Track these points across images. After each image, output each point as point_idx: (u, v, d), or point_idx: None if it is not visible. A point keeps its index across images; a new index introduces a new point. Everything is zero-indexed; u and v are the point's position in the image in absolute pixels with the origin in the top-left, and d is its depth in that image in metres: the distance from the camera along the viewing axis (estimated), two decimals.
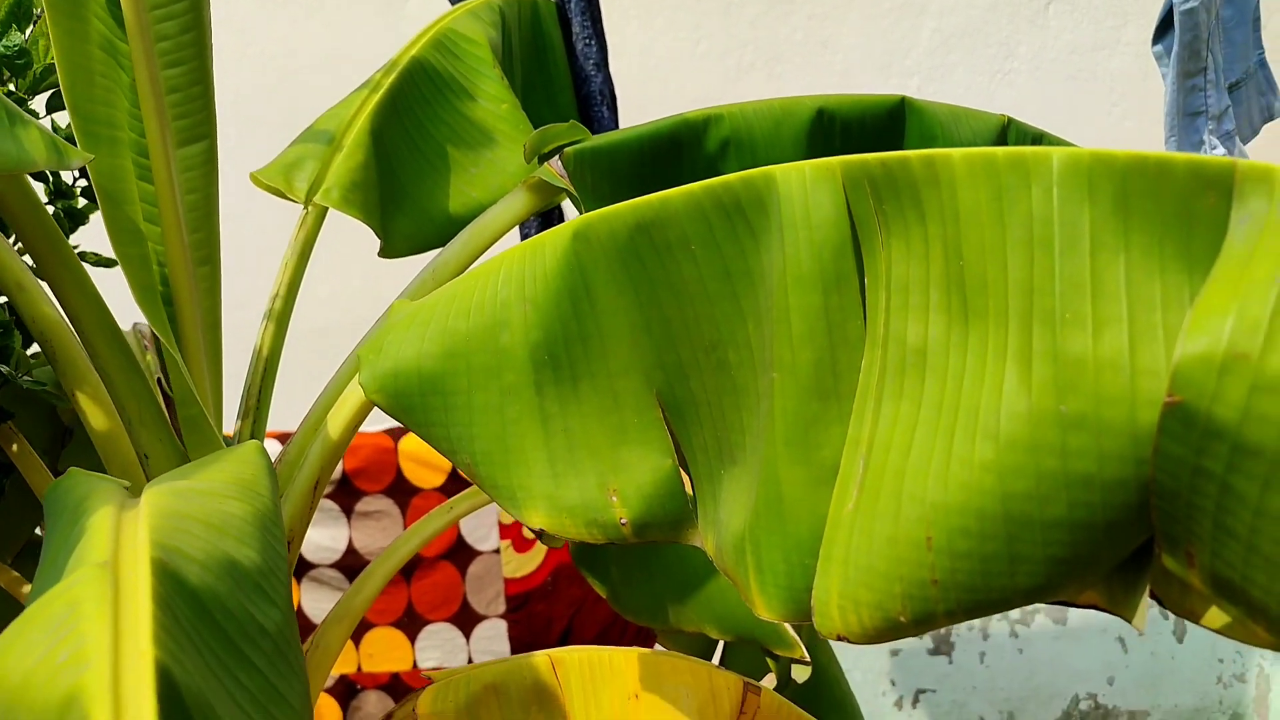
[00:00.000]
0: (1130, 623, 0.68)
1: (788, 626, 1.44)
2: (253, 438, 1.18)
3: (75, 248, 1.35)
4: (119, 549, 0.65)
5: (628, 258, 0.83)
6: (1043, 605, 2.93)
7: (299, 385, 1.42)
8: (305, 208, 1.28)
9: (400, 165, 1.40)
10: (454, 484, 2.59)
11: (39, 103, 1.20)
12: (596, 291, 0.85)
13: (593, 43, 1.96)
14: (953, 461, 0.66)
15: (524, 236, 1.81)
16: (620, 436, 0.85)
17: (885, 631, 0.68)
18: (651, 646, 2.89)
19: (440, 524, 1.31)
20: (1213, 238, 0.60)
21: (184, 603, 0.64)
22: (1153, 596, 0.69)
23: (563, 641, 2.75)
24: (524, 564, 2.72)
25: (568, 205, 1.51)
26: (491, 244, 1.22)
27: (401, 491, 2.56)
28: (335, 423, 1.04)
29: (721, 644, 1.70)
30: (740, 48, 3.34)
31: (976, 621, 3.03)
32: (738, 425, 0.81)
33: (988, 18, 3.26)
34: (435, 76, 1.46)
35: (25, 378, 1.12)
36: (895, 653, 3.02)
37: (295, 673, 0.71)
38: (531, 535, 2.73)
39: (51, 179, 1.46)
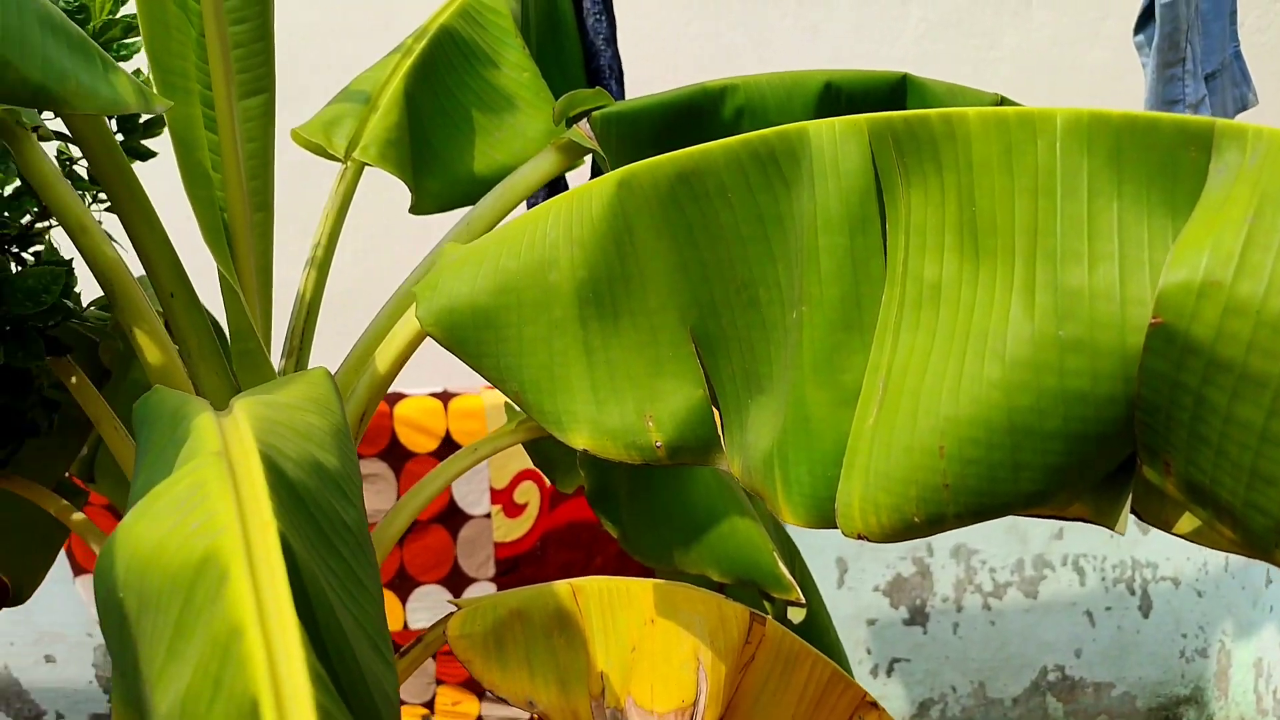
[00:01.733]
0: (1114, 530, 0.77)
1: (784, 570, 1.54)
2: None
3: (104, 204, 1.43)
4: (228, 444, 0.73)
5: (668, 204, 0.92)
6: (1014, 580, 3.04)
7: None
8: (344, 163, 1.35)
9: (430, 127, 1.48)
10: (446, 449, 2.67)
11: None
12: (638, 235, 0.94)
13: (602, 18, 2.04)
14: (964, 380, 0.75)
15: (530, 206, 1.89)
16: (656, 368, 0.94)
17: (901, 531, 0.77)
18: None
19: (435, 488, 1.38)
20: (1194, 185, 0.70)
21: (285, 492, 0.72)
22: (1133, 511, 0.79)
23: None
24: (514, 529, 2.80)
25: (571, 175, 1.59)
26: (523, 199, 1.31)
27: (396, 456, 2.63)
28: (384, 357, 1.12)
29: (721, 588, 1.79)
30: (730, 29, 3.41)
31: (950, 593, 3.14)
32: (765, 357, 0.90)
33: (972, 8, 3.35)
34: (462, 44, 1.54)
35: (92, 308, 1.20)
36: (872, 622, 3.12)
37: (371, 565, 0.80)
38: (524, 501, 2.82)
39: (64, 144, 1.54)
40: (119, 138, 1.28)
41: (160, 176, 1.31)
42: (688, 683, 1.19)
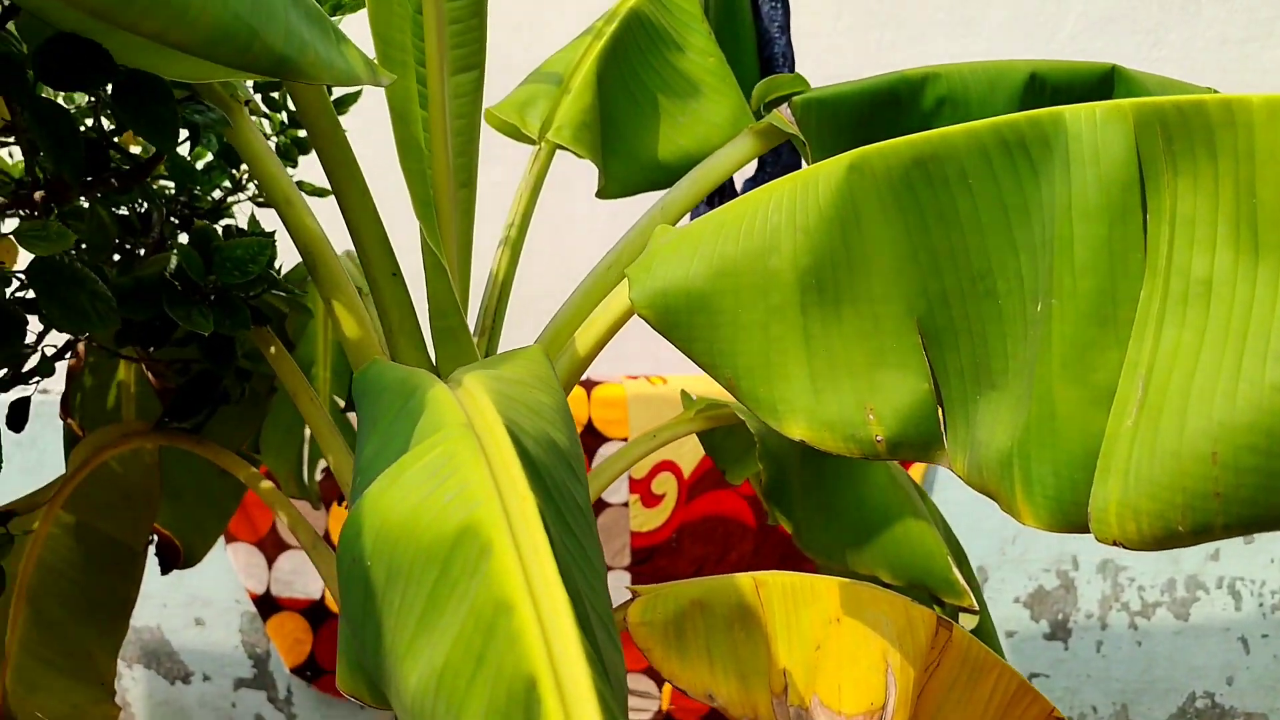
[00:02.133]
0: None
1: (958, 575, 1.49)
2: (487, 355, 1.26)
3: (292, 178, 1.45)
4: (471, 416, 0.73)
5: (901, 190, 0.89)
6: (1164, 600, 2.91)
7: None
8: (538, 144, 1.35)
9: (617, 110, 1.47)
10: (589, 437, 2.67)
11: None
12: (866, 221, 0.90)
13: (778, 6, 2.00)
14: (1241, 383, 0.70)
15: (694, 216, 1.86)
16: (879, 359, 0.91)
17: (1163, 539, 0.73)
18: None
19: (644, 449, 1.38)
20: None
21: (527, 466, 0.71)
22: None
23: None
24: (650, 519, 2.79)
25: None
26: (719, 184, 1.29)
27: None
28: (585, 339, 1.11)
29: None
30: (882, 25, 3.35)
31: (1095, 610, 3.03)
32: (1000, 351, 0.86)
33: (1136, 3, 3.22)
34: (650, 28, 1.53)
35: (287, 283, 1.22)
36: (1010, 634, 3.03)
37: (598, 544, 0.78)
38: (661, 491, 2.81)
39: (282, 115, 1.57)
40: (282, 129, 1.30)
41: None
42: (876, 685, 1.15)
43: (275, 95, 1.53)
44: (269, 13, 0.83)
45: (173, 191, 1.59)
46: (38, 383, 1.39)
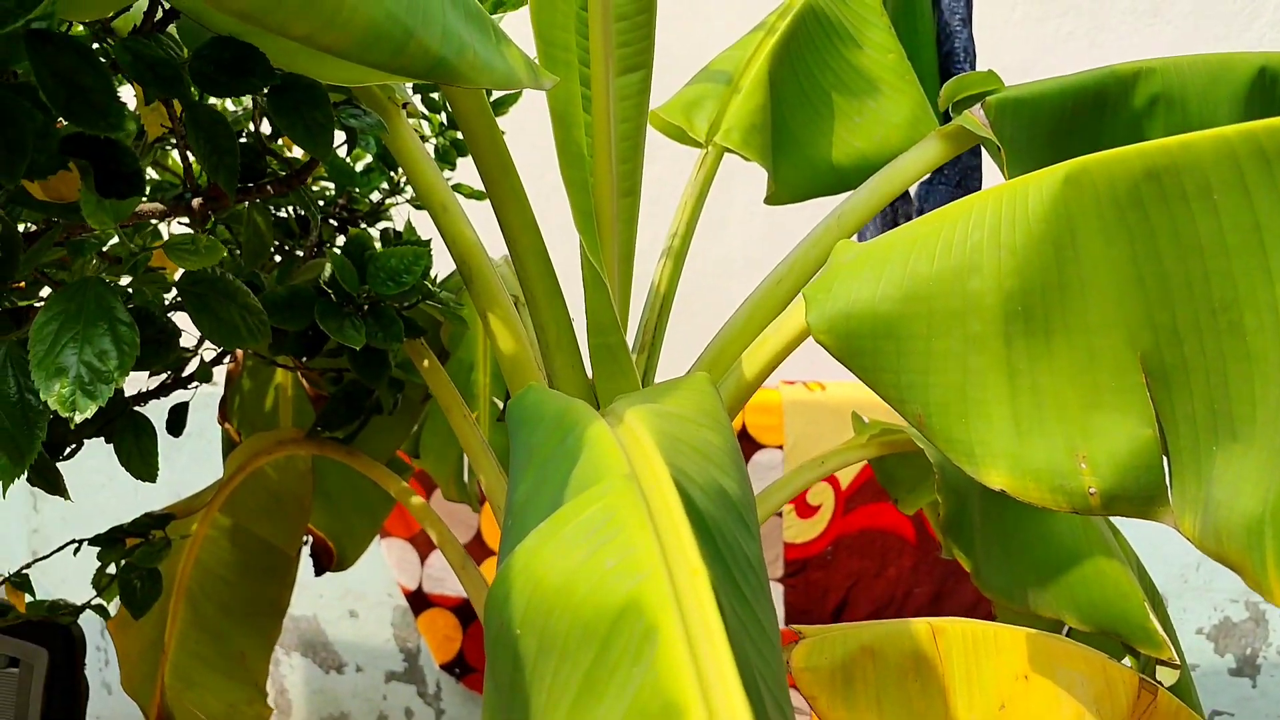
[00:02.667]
0: None
1: (1156, 624, 1.35)
2: (646, 373, 1.18)
3: (448, 180, 1.40)
4: (634, 464, 0.65)
5: (1126, 206, 0.77)
6: None
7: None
8: (705, 148, 1.27)
9: (789, 110, 1.37)
10: (743, 442, 2.58)
11: None
12: (1084, 240, 0.79)
13: (960, 0, 1.88)
14: None
15: (862, 239, 1.75)
16: (1094, 398, 0.79)
17: None
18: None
19: (811, 476, 1.28)
20: None
21: (695, 525, 0.63)
22: None
23: (838, 614, 2.70)
24: (805, 530, 2.69)
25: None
26: (901, 192, 1.18)
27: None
28: (754, 361, 1.02)
29: (1067, 631, 1.62)
30: (1060, 15, 3.16)
31: None
32: (1246, 396, 0.74)
33: None
34: (825, 22, 1.43)
35: (444, 292, 1.16)
36: (1192, 668, 2.82)
37: (771, 607, 0.69)
38: (817, 503, 2.70)
39: (441, 116, 1.53)
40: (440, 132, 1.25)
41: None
42: None
43: (435, 96, 1.49)
44: (425, 11, 0.76)
45: (331, 193, 1.57)
46: (196, 387, 1.38)
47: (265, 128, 1.21)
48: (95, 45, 0.92)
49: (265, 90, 1.00)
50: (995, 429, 0.81)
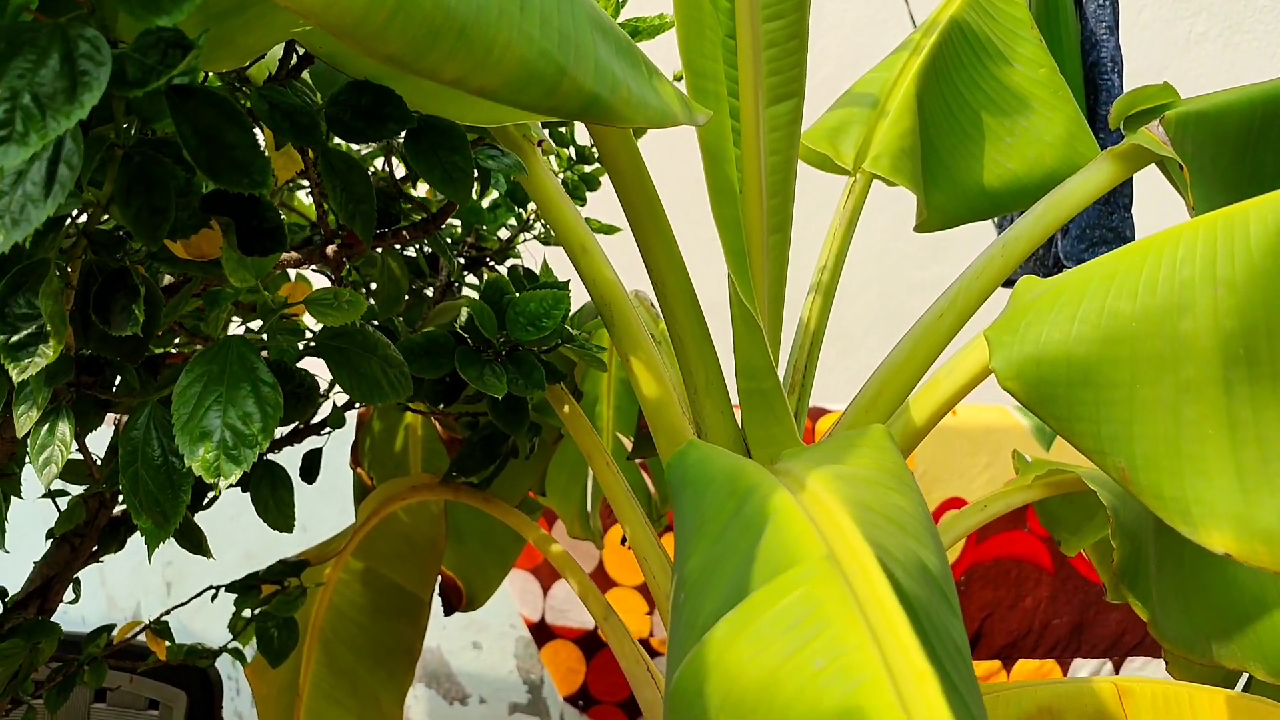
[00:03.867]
0: None
1: None
2: (797, 416, 1.12)
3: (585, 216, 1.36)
4: (831, 543, 0.58)
5: None
6: None
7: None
8: (853, 175, 1.20)
9: (937, 133, 1.30)
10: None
11: None
12: None
13: (1107, 5, 1.78)
14: None
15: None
16: None
17: None
18: (1069, 663, 2.67)
19: (971, 522, 1.20)
20: None
21: (906, 610, 0.56)
22: None
23: (973, 647, 2.59)
24: None
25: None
26: (1070, 217, 1.09)
27: None
28: (923, 407, 0.95)
29: (1246, 678, 1.50)
30: (1192, 15, 3.01)
31: None
32: None
33: None
34: (972, 39, 1.35)
35: (584, 335, 1.12)
36: None
37: (979, 698, 0.62)
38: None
39: (569, 149, 1.49)
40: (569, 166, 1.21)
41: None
42: None
43: (563, 130, 1.45)
44: (577, 46, 0.72)
45: (459, 231, 1.54)
46: (329, 433, 1.36)
47: (398, 169, 1.18)
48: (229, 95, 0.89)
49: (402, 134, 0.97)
50: (1215, 486, 0.73)
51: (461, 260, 1.57)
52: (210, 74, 0.92)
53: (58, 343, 0.73)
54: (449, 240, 1.51)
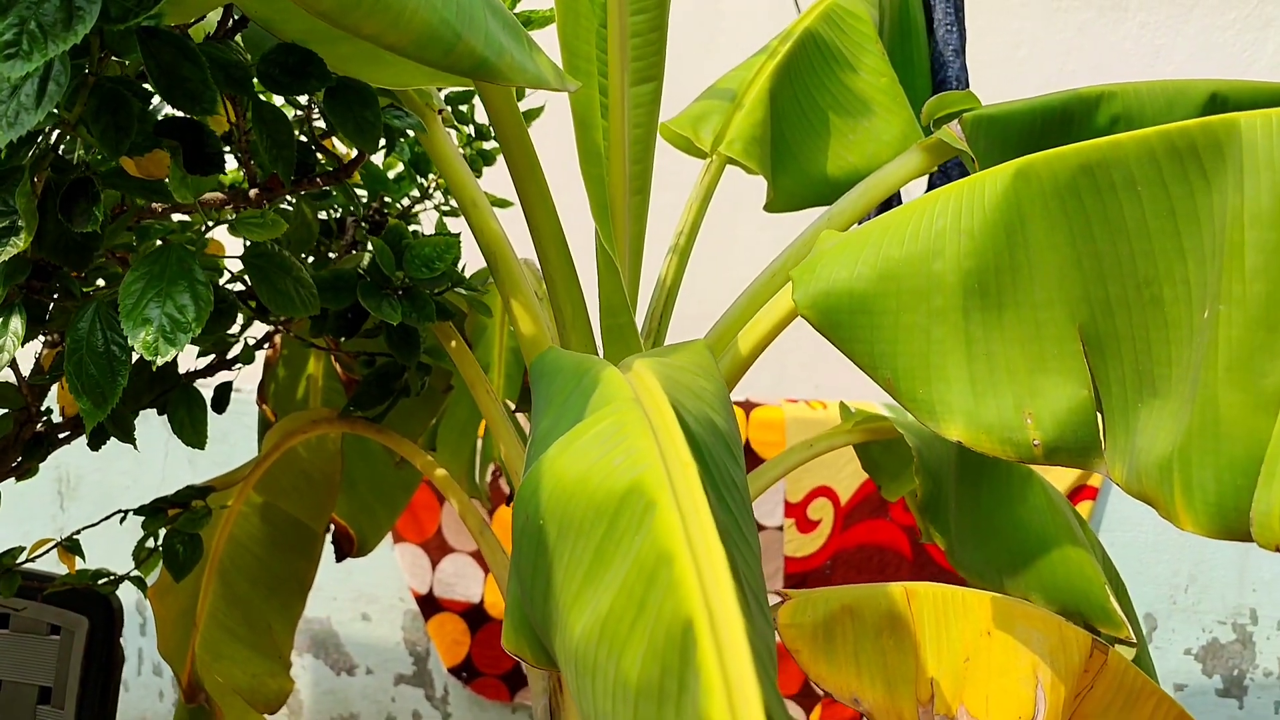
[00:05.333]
0: None
1: (1115, 605, 1.46)
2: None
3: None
4: (639, 394, 0.77)
5: (1066, 196, 0.90)
6: None
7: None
8: (710, 157, 1.40)
9: (788, 127, 1.51)
10: (746, 457, 2.69)
11: None
12: (1031, 226, 0.92)
13: (954, 29, 2.01)
14: None
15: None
16: (1039, 364, 0.92)
17: None
18: None
19: (799, 458, 1.40)
20: None
21: (689, 442, 0.76)
22: None
23: None
24: (805, 545, 2.78)
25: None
26: (885, 196, 1.31)
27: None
28: (748, 339, 1.15)
29: None
30: (1064, 54, 3.27)
31: (1275, 668, 2.87)
32: (1164, 358, 0.86)
33: None
34: (824, 47, 1.57)
35: (459, 290, 1.29)
36: (1180, 688, 2.90)
37: (752, 523, 0.82)
38: (816, 518, 2.80)
39: (469, 128, 1.67)
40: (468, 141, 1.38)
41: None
42: (1025, 699, 1.15)
43: (464, 109, 1.63)
44: (471, 18, 0.90)
45: (365, 199, 1.70)
46: (239, 369, 1.51)
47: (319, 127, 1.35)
48: None
49: (321, 91, 1.14)
50: (954, 390, 0.94)
51: (365, 225, 1.73)
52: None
53: (29, 234, 0.89)
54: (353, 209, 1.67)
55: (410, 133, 1.26)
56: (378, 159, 1.66)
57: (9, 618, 1.86)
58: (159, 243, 1.17)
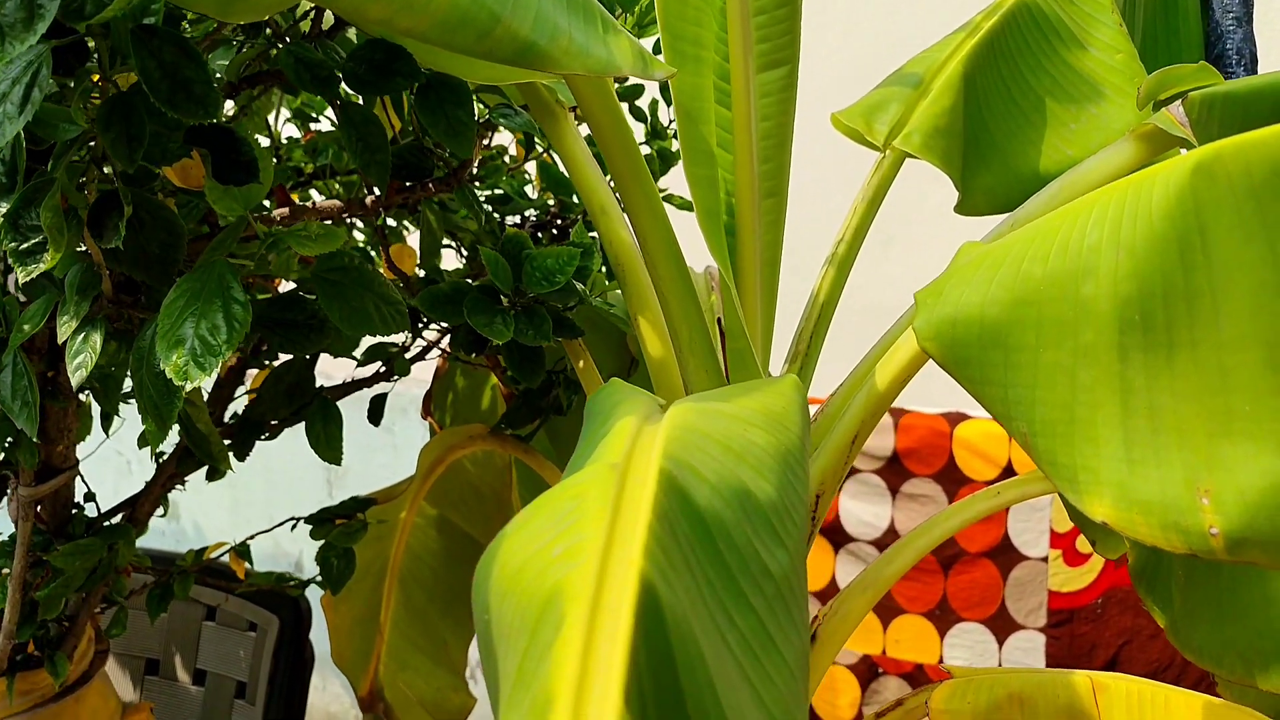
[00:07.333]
0: None
1: None
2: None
3: (663, 191, 1.40)
4: (631, 455, 0.62)
5: (1267, 199, 0.66)
6: None
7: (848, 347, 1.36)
8: (883, 152, 1.20)
9: (991, 115, 1.28)
10: (1007, 479, 2.41)
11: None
12: (1215, 239, 0.68)
13: None
14: None
15: None
16: (1223, 425, 0.68)
17: None
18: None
19: (985, 507, 1.18)
20: None
21: (687, 522, 0.59)
22: None
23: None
24: (1073, 579, 2.49)
25: None
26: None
27: (951, 480, 2.44)
28: (883, 374, 0.96)
29: None
30: None
31: None
32: None
33: None
34: (1043, 21, 1.32)
35: (597, 299, 1.17)
36: None
37: (795, 625, 0.64)
38: (1087, 550, 2.49)
39: (650, 120, 1.54)
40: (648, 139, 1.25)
41: None
42: None
43: (641, 106, 1.50)
44: None
45: (549, 203, 1.61)
46: (395, 380, 1.46)
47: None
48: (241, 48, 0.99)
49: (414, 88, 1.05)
50: (1103, 454, 0.71)
51: (554, 231, 1.64)
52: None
53: (55, 250, 0.84)
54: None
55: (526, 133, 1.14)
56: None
57: (215, 611, 1.93)
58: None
